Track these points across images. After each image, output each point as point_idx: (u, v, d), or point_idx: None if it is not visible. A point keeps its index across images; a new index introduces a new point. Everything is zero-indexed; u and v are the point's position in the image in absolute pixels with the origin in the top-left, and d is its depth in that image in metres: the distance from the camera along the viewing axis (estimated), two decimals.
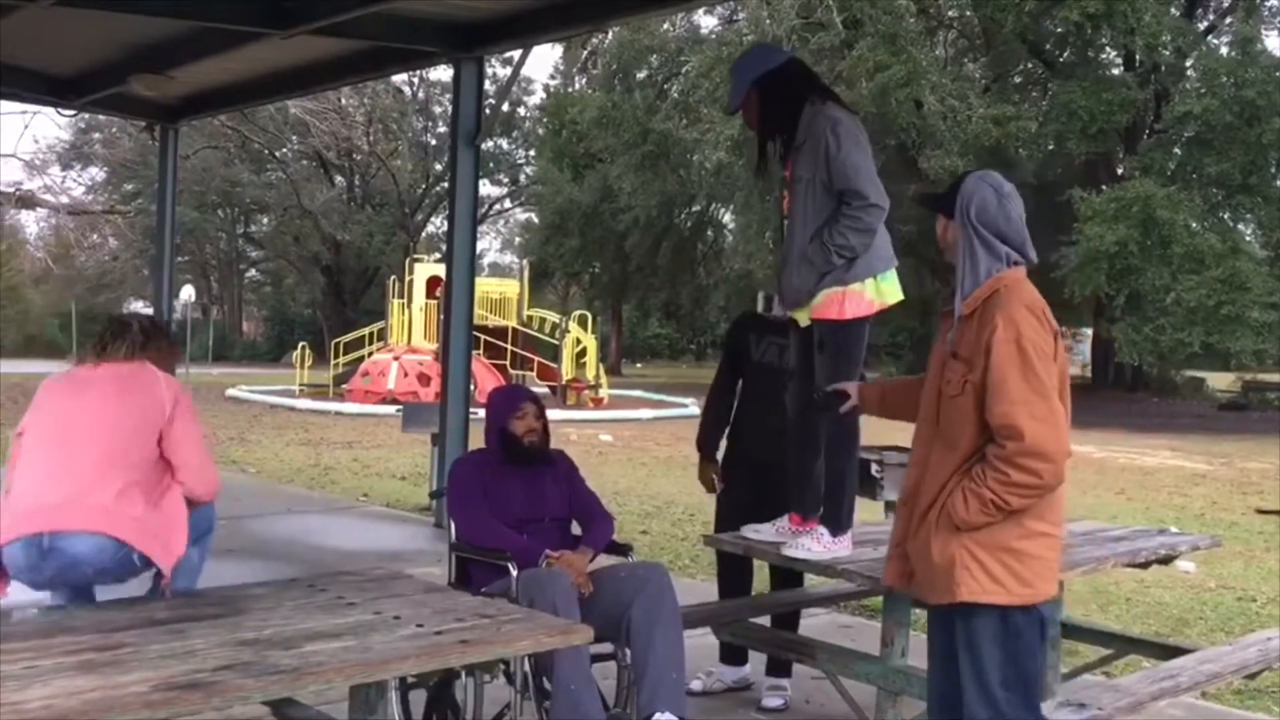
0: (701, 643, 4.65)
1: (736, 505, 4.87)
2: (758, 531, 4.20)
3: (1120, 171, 28.32)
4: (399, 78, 39.27)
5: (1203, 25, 29.62)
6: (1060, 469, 2.90)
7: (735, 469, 5.03)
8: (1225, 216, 26.64)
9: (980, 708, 2.97)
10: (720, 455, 5.14)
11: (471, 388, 8.95)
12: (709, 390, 5.19)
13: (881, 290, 3.92)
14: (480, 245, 48.93)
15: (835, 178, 3.84)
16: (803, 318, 4.01)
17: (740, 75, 4.07)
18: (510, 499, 4.21)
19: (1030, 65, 31.00)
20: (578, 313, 30.44)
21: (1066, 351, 3.11)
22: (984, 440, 2.94)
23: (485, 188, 44.99)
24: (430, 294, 24.56)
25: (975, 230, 3.04)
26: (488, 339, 24.33)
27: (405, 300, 25.90)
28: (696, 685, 4.91)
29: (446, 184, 9.66)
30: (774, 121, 4.05)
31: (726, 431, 5.13)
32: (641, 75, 34.91)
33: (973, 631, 2.98)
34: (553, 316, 29.18)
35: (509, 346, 25.06)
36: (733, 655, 5.04)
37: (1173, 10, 27.60)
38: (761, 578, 5.27)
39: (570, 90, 45.37)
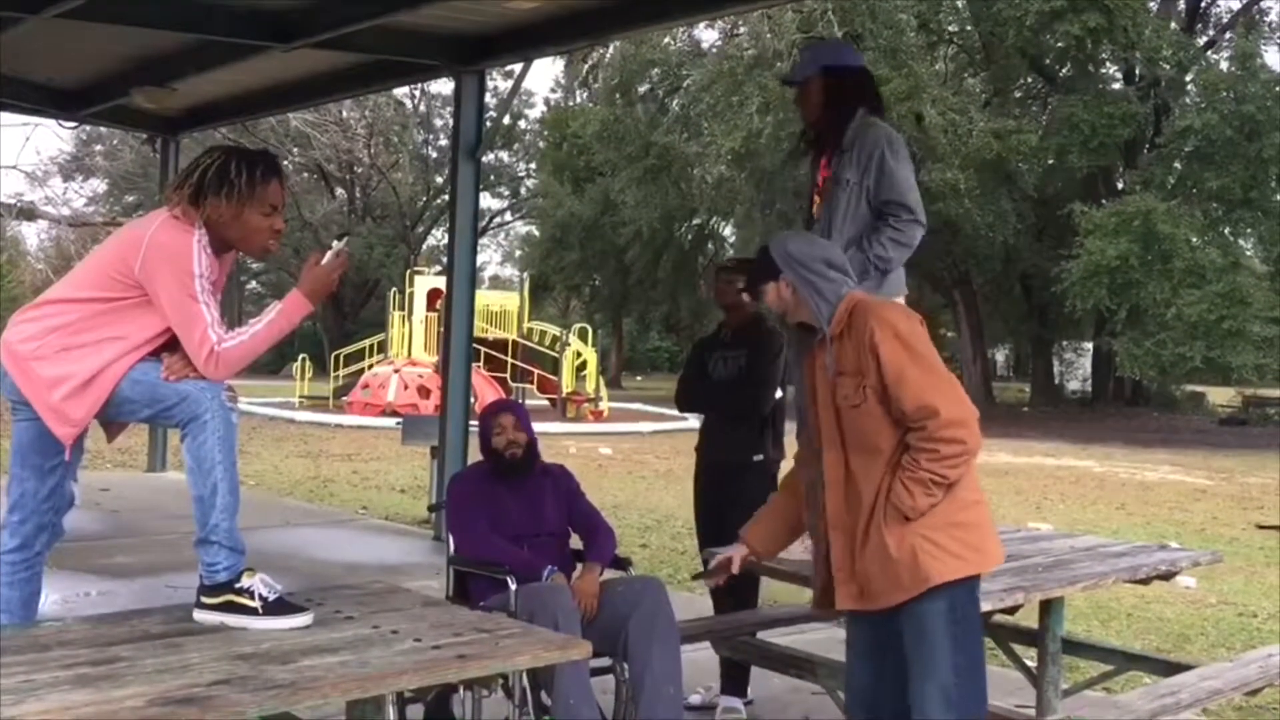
0: (699, 657, 4.64)
1: (702, 512, 5.20)
2: (789, 551, 4.16)
3: (1121, 186, 28.36)
4: (400, 91, 39.36)
5: (1202, 40, 29.69)
6: (977, 430, 3.09)
7: (700, 476, 5.26)
8: (1226, 231, 26.65)
9: (937, 706, 3.05)
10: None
11: (472, 400, 8.94)
12: (682, 384, 5.36)
13: None
14: (481, 258, 48.99)
15: (884, 188, 3.88)
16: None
17: (812, 55, 4.19)
18: (508, 514, 4.20)
19: (1031, 80, 31.06)
20: (578, 326, 30.44)
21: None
22: (902, 433, 3.10)
23: (486, 201, 45.05)
24: (430, 306, 24.56)
25: (809, 269, 3.23)
26: (488, 352, 24.33)
27: (405, 313, 25.90)
28: (695, 699, 4.91)
29: (447, 197, 9.68)
30: (825, 115, 4.09)
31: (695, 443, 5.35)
32: (643, 89, 34.96)
33: (923, 618, 3.07)
34: (553, 329, 29.17)
35: (509, 359, 25.06)
36: (735, 686, 4.99)
37: (1173, 25, 27.68)
38: (764, 592, 5.26)
39: (571, 104, 45.45)
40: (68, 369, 3.05)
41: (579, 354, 26.74)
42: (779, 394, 5.03)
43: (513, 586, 3.90)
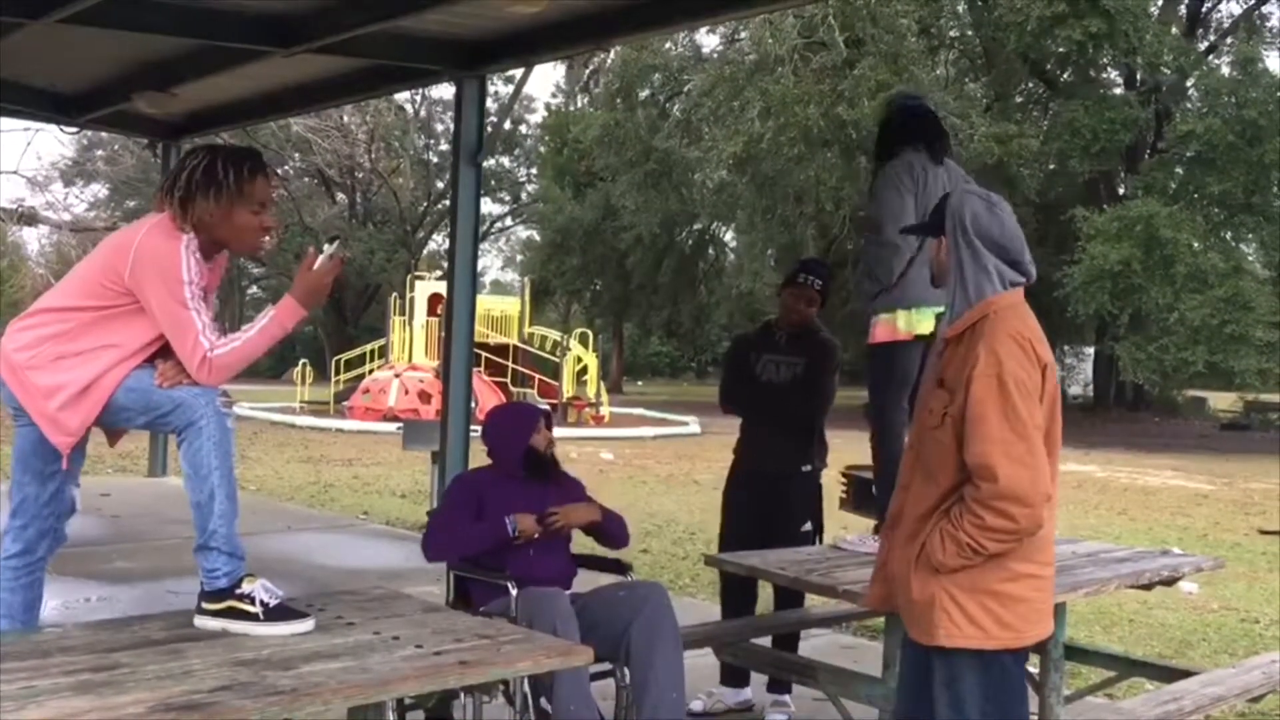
0: (702, 663, 4.63)
1: (740, 520, 5.04)
2: (848, 543, 4.36)
3: (1122, 191, 28.36)
4: (401, 95, 39.35)
5: (1204, 45, 29.71)
6: (1037, 513, 2.77)
7: (739, 483, 5.13)
8: (1228, 236, 26.66)
9: None
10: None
11: (473, 405, 8.93)
12: (727, 384, 5.28)
13: (912, 321, 4.04)
14: (481, 263, 48.75)
15: (869, 213, 4.17)
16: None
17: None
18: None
19: (1032, 85, 31.07)
20: (579, 330, 30.45)
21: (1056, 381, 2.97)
22: (962, 476, 2.82)
23: (487, 205, 45.07)
24: (431, 311, 24.57)
25: (968, 243, 2.90)
26: (489, 356, 24.33)
27: (406, 317, 25.91)
28: (697, 705, 4.90)
29: (448, 201, 9.65)
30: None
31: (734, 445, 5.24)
32: (644, 94, 34.98)
33: (953, 672, 2.87)
34: (554, 334, 29.18)
35: (510, 364, 25.06)
36: (734, 677, 5.03)
37: (1174, 30, 27.69)
38: (764, 596, 5.25)
39: (572, 108, 45.48)
40: (63, 378, 3.05)
41: (580, 359, 26.75)
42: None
43: (513, 592, 3.89)
